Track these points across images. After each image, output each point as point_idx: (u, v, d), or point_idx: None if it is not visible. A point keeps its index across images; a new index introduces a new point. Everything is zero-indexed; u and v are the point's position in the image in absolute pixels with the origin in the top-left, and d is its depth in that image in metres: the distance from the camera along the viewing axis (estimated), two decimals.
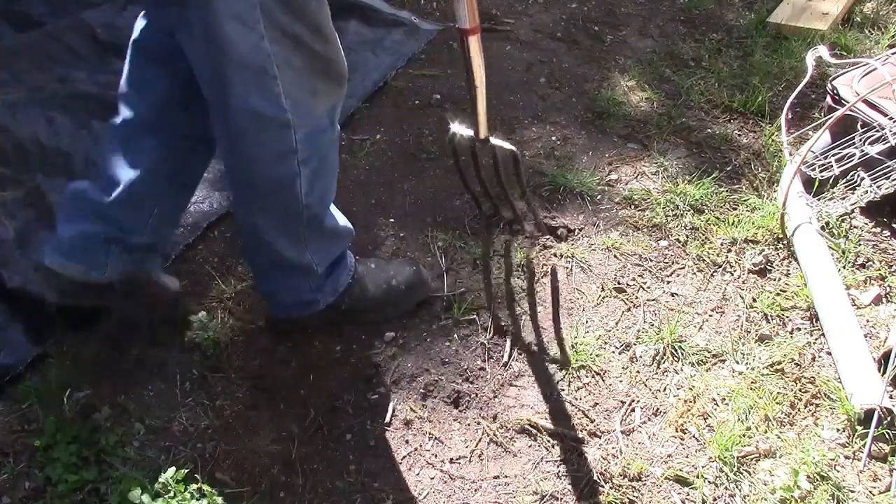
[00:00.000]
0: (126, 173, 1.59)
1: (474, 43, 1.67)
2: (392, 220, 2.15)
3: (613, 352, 1.80)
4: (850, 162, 2.04)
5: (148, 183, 1.61)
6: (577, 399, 1.70)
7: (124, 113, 1.61)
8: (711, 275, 2.00)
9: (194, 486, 1.49)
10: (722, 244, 2.07)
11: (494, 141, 1.90)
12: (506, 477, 1.56)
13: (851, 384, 1.66)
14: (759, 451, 1.59)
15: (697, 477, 1.55)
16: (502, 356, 1.79)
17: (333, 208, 1.71)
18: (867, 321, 1.87)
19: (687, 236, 2.10)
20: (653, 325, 1.86)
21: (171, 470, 1.50)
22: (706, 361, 1.78)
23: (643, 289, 1.96)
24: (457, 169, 2.06)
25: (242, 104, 1.42)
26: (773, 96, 2.60)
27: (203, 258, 2.02)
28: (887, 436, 1.59)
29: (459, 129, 1.96)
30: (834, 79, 2.25)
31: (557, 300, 1.92)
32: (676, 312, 1.89)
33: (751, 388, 1.71)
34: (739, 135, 2.49)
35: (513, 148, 1.87)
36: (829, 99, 2.26)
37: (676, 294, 1.95)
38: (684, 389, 1.72)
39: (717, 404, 1.69)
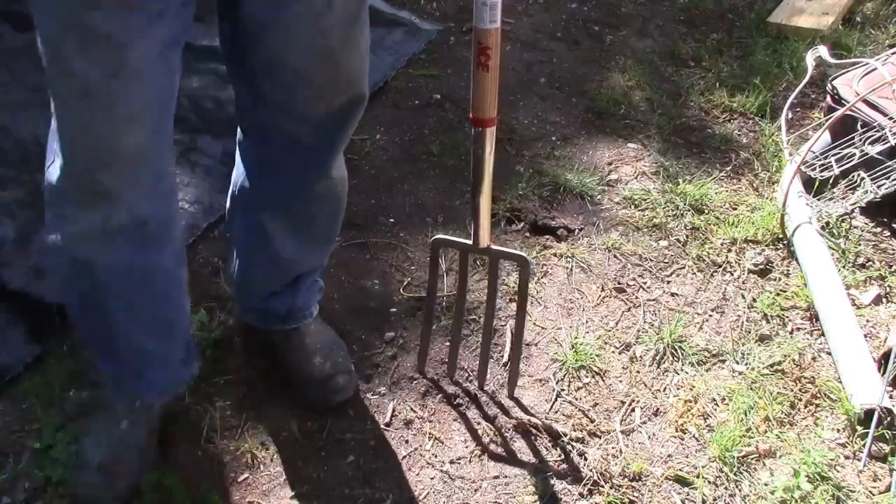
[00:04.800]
0: None
1: (488, 136, 1.43)
2: (392, 220, 2.14)
3: (613, 352, 1.80)
4: (850, 162, 2.04)
5: None
6: (577, 399, 1.70)
7: None
8: (711, 275, 2.00)
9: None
10: (722, 244, 2.07)
11: (497, 248, 1.61)
12: (506, 477, 1.56)
13: (851, 384, 1.66)
14: (759, 451, 1.59)
15: (697, 477, 1.55)
16: (502, 356, 1.79)
17: None
18: (867, 321, 1.87)
19: (687, 236, 2.10)
20: (653, 325, 1.86)
21: (172, 470, 1.50)
22: (706, 361, 1.78)
23: (643, 289, 1.96)
24: (430, 286, 1.69)
25: None
26: (773, 96, 2.60)
27: (203, 258, 2.02)
28: (887, 436, 1.59)
29: (446, 236, 1.68)
30: (834, 79, 2.25)
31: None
32: (676, 312, 1.89)
33: (751, 388, 1.71)
34: (739, 135, 2.49)
35: (523, 254, 1.62)
36: (829, 99, 2.26)
37: (676, 294, 1.95)
38: (684, 389, 1.72)
39: (717, 404, 1.69)
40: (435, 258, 1.68)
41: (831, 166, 2.06)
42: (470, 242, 1.58)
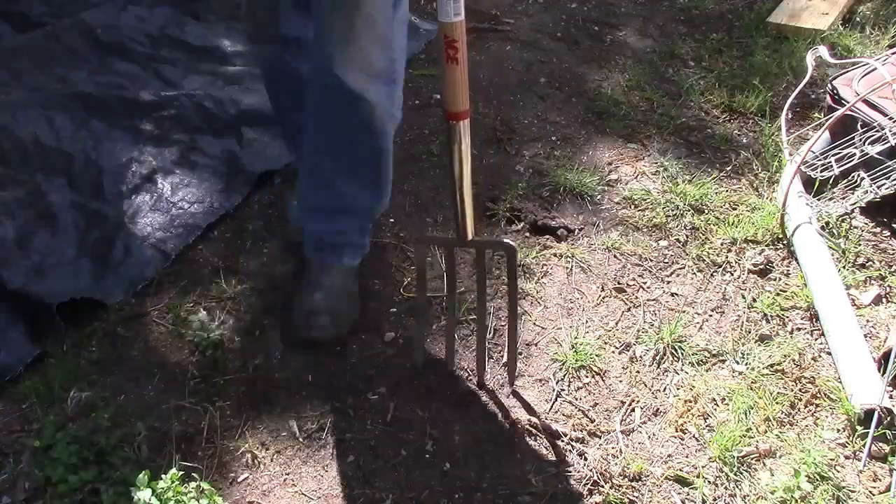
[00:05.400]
0: None
1: (462, 128, 1.44)
2: (392, 220, 2.14)
3: (613, 352, 1.80)
4: (850, 162, 2.04)
5: None
6: (577, 399, 1.70)
7: None
8: (711, 275, 2.00)
9: (193, 486, 1.49)
10: (722, 244, 2.07)
11: (481, 239, 1.61)
12: (506, 477, 1.56)
13: (851, 384, 1.66)
14: (759, 451, 1.59)
15: (697, 477, 1.55)
16: (502, 356, 1.79)
17: None
18: (867, 321, 1.87)
19: (687, 236, 2.10)
20: (653, 325, 1.86)
21: (172, 470, 1.50)
22: (706, 361, 1.78)
23: (643, 289, 1.96)
24: (419, 285, 1.71)
25: None
26: (773, 96, 2.60)
27: (203, 258, 2.02)
28: (887, 436, 1.59)
29: (430, 234, 1.69)
30: (834, 79, 2.25)
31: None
32: (676, 312, 1.89)
33: (751, 388, 1.71)
34: (739, 135, 2.49)
35: (508, 242, 1.61)
36: (829, 99, 2.26)
37: (676, 294, 1.95)
38: (684, 389, 1.72)
39: (717, 404, 1.69)
40: (420, 256, 1.68)
41: (831, 166, 2.06)
42: (454, 237, 1.59)
